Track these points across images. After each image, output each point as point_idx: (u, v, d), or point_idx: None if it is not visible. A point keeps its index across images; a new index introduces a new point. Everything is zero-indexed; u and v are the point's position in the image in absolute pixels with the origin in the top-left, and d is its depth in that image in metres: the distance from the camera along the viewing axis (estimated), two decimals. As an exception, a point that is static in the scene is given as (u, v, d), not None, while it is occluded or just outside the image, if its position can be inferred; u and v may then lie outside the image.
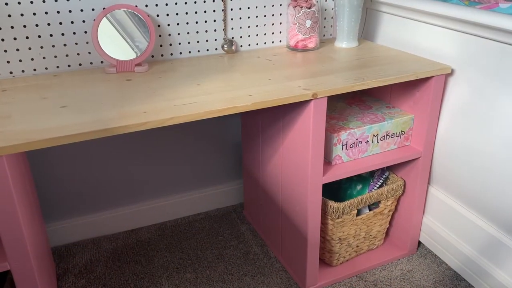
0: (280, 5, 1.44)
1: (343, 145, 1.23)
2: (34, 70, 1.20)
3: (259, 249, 1.52)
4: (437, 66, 1.23)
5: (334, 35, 1.57)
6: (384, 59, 1.31)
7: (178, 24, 1.33)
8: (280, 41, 1.50)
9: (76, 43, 1.22)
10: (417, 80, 1.25)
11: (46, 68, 1.21)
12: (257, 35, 1.45)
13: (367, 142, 1.27)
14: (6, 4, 1.11)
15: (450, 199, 1.34)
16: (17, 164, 0.96)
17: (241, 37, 1.43)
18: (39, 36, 1.17)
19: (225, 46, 1.41)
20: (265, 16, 1.44)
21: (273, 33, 1.47)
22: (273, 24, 1.46)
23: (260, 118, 1.39)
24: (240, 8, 1.39)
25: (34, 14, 1.15)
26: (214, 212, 1.72)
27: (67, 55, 1.22)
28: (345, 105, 1.39)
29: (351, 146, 1.24)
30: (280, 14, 1.46)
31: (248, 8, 1.40)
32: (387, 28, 1.47)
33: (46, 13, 1.16)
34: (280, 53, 1.41)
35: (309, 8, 1.36)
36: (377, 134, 1.27)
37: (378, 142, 1.29)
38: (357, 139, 1.25)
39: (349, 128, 1.24)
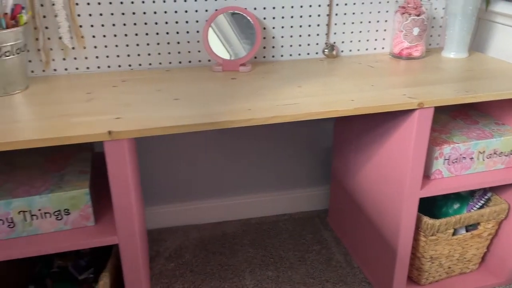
0: (387, 11, 1.42)
1: (445, 159, 1.17)
2: (150, 64, 1.30)
3: (342, 257, 1.50)
4: (561, 82, 1.13)
5: (441, 44, 1.50)
6: (496, 72, 1.23)
7: (282, 27, 1.36)
8: (383, 48, 1.46)
9: (188, 42, 1.31)
10: (535, 97, 1.15)
11: (160, 63, 1.31)
12: (359, 40, 1.44)
13: (471, 158, 1.19)
14: (132, 2, 1.22)
15: None
16: (132, 148, 1.05)
17: (342, 42, 1.43)
18: (157, 33, 1.27)
19: (326, 50, 1.41)
20: (369, 22, 1.42)
21: (376, 40, 1.45)
22: (377, 31, 1.44)
23: (355, 124, 1.37)
24: (345, 14, 1.39)
25: (155, 12, 1.25)
26: (298, 215, 1.73)
27: (179, 52, 1.31)
28: (449, 118, 1.32)
29: (453, 161, 1.18)
30: (386, 21, 1.43)
31: (353, 13, 1.40)
32: (501, 40, 1.37)
33: (165, 12, 1.25)
34: (382, 60, 1.38)
35: (418, 15, 1.31)
36: (484, 151, 1.19)
37: (483, 160, 1.21)
38: (460, 155, 1.18)
39: (453, 142, 1.17)
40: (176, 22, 1.27)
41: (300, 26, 1.37)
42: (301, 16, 1.36)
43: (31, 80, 1.16)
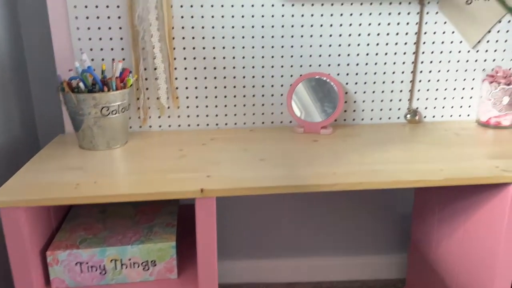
0: (473, 79, 1.39)
1: (542, 237, 1.08)
2: (235, 124, 1.37)
3: (421, 334, 1.39)
4: None
5: (533, 113, 1.43)
6: None
7: (364, 92, 1.38)
8: (468, 115, 1.43)
9: (272, 104, 1.37)
10: None
11: (244, 123, 1.37)
12: (443, 107, 1.42)
13: None
14: (224, 68, 1.31)
15: None
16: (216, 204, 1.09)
17: (426, 108, 1.42)
18: (244, 96, 1.35)
19: (408, 115, 1.41)
20: (454, 89, 1.40)
21: (461, 107, 1.42)
22: (462, 98, 1.41)
23: (438, 193, 1.32)
24: (429, 80, 1.39)
25: (244, 77, 1.33)
26: (372, 282, 1.65)
27: (262, 113, 1.37)
28: (545, 192, 1.23)
29: (553, 240, 1.08)
30: (472, 88, 1.40)
31: (438, 80, 1.39)
32: None
33: (253, 77, 1.33)
34: (468, 128, 1.34)
35: (509, 85, 1.28)
36: None
37: None
38: (561, 234, 1.08)
39: None
40: (263, 86, 1.35)
41: (382, 92, 1.39)
42: (383, 82, 1.38)
43: (129, 135, 1.26)
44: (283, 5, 1.28)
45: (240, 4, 1.26)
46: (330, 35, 1.32)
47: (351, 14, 1.30)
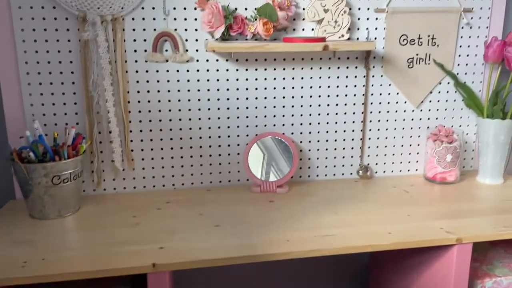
0: (419, 136, 1.47)
1: (487, 293, 1.13)
2: (192, 183, 1.38)
3: None
4: None
5: (475, 167, 1.52)
6: (536, 202, 1.23)
7: (318, 149, 1.43)
8: (416, 170, 1.50)
9: (229, 163, 1.39)
10: None
11: (201, 183, 1.38)
12: (392, 162, 1.48)
13: (516, 294, 1.15)
14: (180, 129, 1.33)
15: None
16: (171, 276, 1.07)
17: (376, 164, 1.48)
18: (201, 156, 1.36)
19: (360, 172, 1.46)
20: (402, 146, 1.48)
21: (409, 162, 1.49)
22: (409, 154, 1.49)
23: (391, 255, 1.35)
24: (378, 138, 1.46)
25: (200, 137, 1.35)
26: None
27: (220, 172, 1.39)
28: (489, 246, 1.30)
29: (497, 296, 1.14)
30: (418, 145, 1.48)
31: (386, 138, 1.46)
32: (538, 166, 1.38)
33: (210, 137, 1.35)
34: (416, 184, 1.41)
35: (450, 143, 1.36)
36: (529, 286, 1.15)
37: (529, 295, 1.16)
38: (504, 289, 1.14)
39: (494, 276, 1.14)
40: (219, 146, 1.37)
41: (335, 149, 1.44)
42: (335, 140, 1.43)
43: (82, 199, 1.24)
44: (237, 69, 1.32)
45: (195, 68, 1.29)
46: (284, 97, 1.37)
47: (302, 78, 1.36)
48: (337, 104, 1.41)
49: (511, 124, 1.33)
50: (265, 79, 1.35)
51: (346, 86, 1.40)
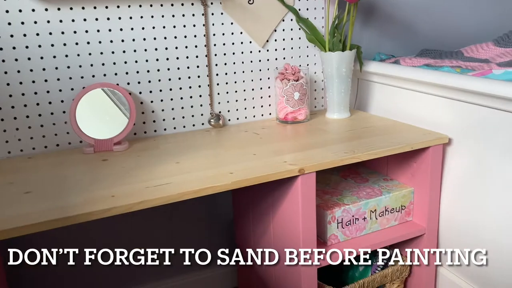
0: (268, 78, 1.41)
1: (338, 223, 1.12)
2: (9, 152, 1.14)
3: None
4: (433, 135, 1.16)
5: (325, 106, 1.52)
6: (377, 129, 1.25)
7: (162, 100, 1.29)
8: (270, 113, 1.45)
9: (54, 124, 1.18)
10: (413, 151, 1.17)
11: (21, 150, 1.16)
12: (245, 108, 1.41)
13: (364, 219, 1.16)
14: (-18, 87, 1.08)
15: (464, 281, 1.19)
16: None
17: (228, 111, 1.39)
18: (15, 118, 1.13)
19: (212, 120, 1.36)
20: (252, 89, 1.40)
21: (262, 106, 1.43)
22: (261, 97, 1.42)
23: (250, 194, 1.29)
24: (226, 83, 1.36)
25: (10, 96, 1.12)
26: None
27: (43, 136, 1.17)
28: (340, 179, 1.30)
29: (347, 224, 1.14)
30: (269, 87, 1.42)
31: (235, 82, 1.37)
32: (380, 98, 1.42)
33: (23, 94, 1.13)
34: (269, 126, 1.35)
35: (297, 80, 1.32)
36: (375, 210, 1.17)
37: (376, 219, 1.18)
38: (353, 216, 1.14)
39: (343, 204, 1.14)
40: (37, 104, 1.15)
41: (181, 98, 1.31)
42: (180, 88, 1.31)
43: None
44: (46, 9, 1.10)
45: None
46: (111, 41, 1.19)
47: (130, 17, 1.20)
48: (176, 47, 1.27)
49: (351, 55, 1.33)
50: (85, 19, 1.15)
51: (184, 26, 1.26)
